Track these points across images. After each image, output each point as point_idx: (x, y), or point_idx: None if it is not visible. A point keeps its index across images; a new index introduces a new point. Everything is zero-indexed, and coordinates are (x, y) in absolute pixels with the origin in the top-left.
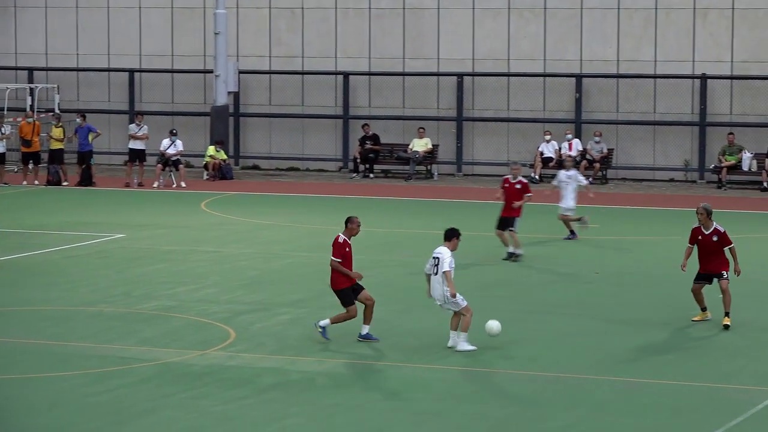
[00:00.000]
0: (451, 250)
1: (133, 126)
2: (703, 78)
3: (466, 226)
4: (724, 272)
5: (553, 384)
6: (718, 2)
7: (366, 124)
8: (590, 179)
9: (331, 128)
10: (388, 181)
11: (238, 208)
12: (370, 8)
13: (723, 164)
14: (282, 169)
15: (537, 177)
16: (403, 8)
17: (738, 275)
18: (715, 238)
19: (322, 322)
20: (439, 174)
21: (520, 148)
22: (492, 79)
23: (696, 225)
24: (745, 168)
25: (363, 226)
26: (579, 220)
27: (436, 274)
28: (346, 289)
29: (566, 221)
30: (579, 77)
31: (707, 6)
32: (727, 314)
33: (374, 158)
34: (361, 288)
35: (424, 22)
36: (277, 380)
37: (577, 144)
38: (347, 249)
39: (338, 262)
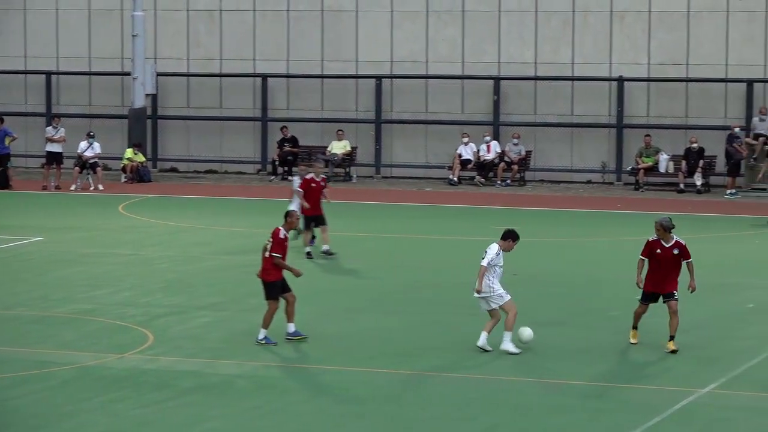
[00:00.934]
0: (504, 250)
1: (50, 129)
2: (620, 80)
3: (384, 228)
4: (675, 292)
5: (475, 385)
6: (634, 5)
7: (284, 127)
8: (508, 181)
9: (250, 131)
10: None
11: (157, 210)
12: (288, 11)
13: (640, 166)
14: (200, 172)
15: (455, 179)
16: (322, 11)
17: (693, 291)
18: (675, 251)
19: (260, 336)
20: (357, 176)
21: (439, 150)
22: (410, 82)
23: (653, 238)
24: (662, 170)
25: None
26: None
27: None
28: (277, 282)
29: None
30: (497, 79)
31: (624, 9)
32: (672, 338)
33: (293, 161)
34: (288, 286)
35: (343, 24)
36: (196, 383)
37: (495, 146)
38: (286, 243)
39: (279, 257)
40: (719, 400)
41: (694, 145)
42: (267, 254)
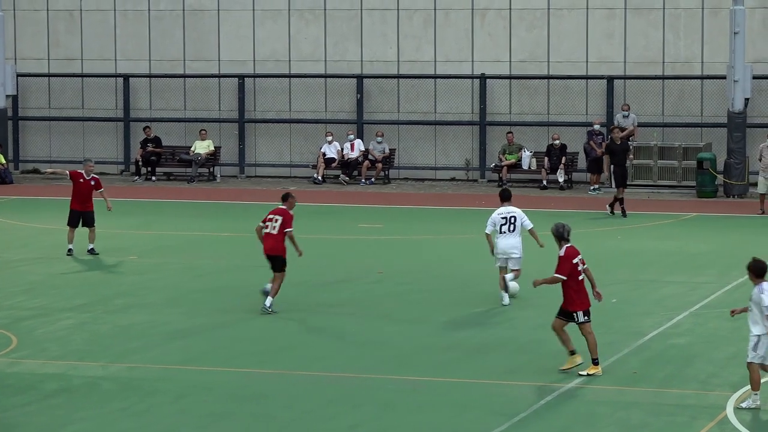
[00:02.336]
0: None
1: None
2: (482, 78)
3: (247, 227)
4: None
5: (338, 384)
6: (495, 3)
7: (147, 127)
8: (373, 179)
9: (113, 131)
10: (170, 184)
11: (18, 212)
12: (149, 10)
13: (503, 163)
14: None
15: (320, 178)
16: (183, 10)
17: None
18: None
19: (267, 302)
20: (221, 176)
21: (303, 149)
22: (273, 81)
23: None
24: (525, 166)
25: (146, 230)
26: None
27: (512, 231)
28: (284, 256)
29: None
30: (360, 78)
31: (485, 7)
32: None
33: (156, 161)
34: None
35: (204, 24)
36: (61, 386)
37: (359, 144)
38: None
39: (291, 231)
40: (584, 394)
41: (557, 141)
42: (275, 231)
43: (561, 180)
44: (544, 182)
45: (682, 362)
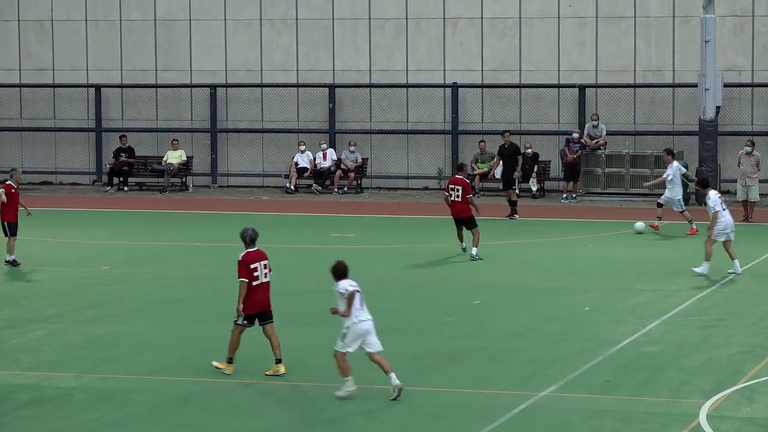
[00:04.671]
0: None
1: None
2: (455, 87)
3: (220, 237)
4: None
5: (311, 394)
6: (467, 12)
7: (123, 136)
8: (345, 188)
9: (84, 141)
10: (143, 194)
11: None
12: (120, 20)
13: (476, 172)
14: (35, 184)
15: (293, 187)
16: (155, 20)
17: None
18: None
19: (474, 251)
20: (194, 186)
21: (275, 158)
22: (245, 90)
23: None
24: (498, 175)
25: (118, 240)
26: None
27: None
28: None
29: None
30: (332, 87)
31: (457, 16)
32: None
33: (128, 171)
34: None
35: (176, 33)
36: (33, 396)
37: (331, 154)
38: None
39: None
40: (557, 402)
41: (529, 150)
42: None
43: (534, 188)
44: (517, 191)
45: (654, 370)
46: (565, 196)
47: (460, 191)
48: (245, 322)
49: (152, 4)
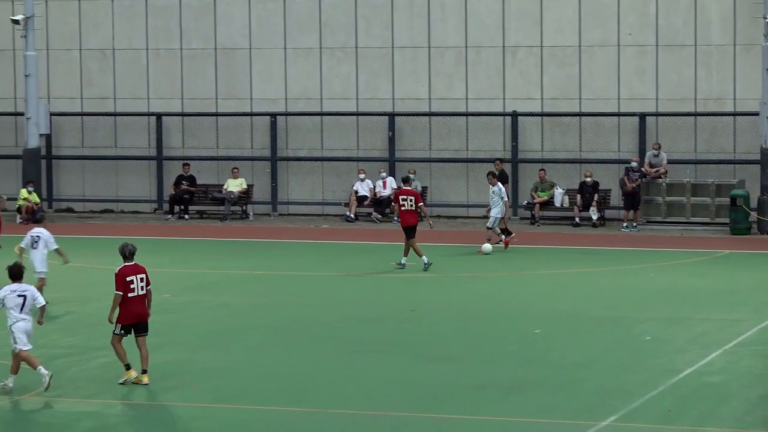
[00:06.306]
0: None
1: None
2: (514, 115)
3: (280, 265)
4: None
5: (373, 422)
6: (526, 40)
7: (186, 164)
8: None
9: (145, 169)
10: (203, 222)
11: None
12: (181, 49)
13: (535, 200)
14: (96, 212)
15: (353, 216)
16: (215, 49)
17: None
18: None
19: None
20: (254, 214)
21: (335, 186)
22: (305, 119)
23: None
24: (558, 204)
25: (179, 269)
26: None
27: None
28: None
29: None
30: (392, 115)
31: (516, 44)
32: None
33: (189, 199)
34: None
35: (236, 62)
36: (95, 424)
37: (391, 182)
38: None
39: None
40: None
41: (589, 179)
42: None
43: (594, 217)
44: (577, 219)
45: (717, 400)
46: (625, 224)
47: (413, 201)
48: (122, 331)
49: (213, 32)
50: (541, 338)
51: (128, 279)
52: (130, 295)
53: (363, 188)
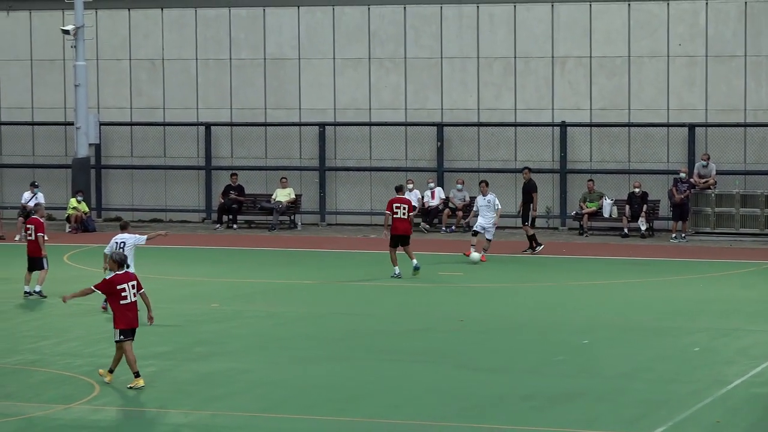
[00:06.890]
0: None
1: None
2: (563, 125)
3: (329, 275)
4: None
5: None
6: (575, 51)
7: (234, 174)
8: (453, 227)
9: (194, 179)
10: (251, 232)
11: (101, 260)
12: (230, 59)
13: (584, 211)
14: (145, 221)
15: None
16: (264, 59)
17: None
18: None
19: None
20: (302, 224)
21: (383, 197)
22: (354, 129)
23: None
24: (606, 214)
25: (227, 278)
26: None
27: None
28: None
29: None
30: (440, 126)
31: (565, 55)
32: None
33: (237, 209)
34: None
35: (285, 72)
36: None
37: (439, 192)
38: None
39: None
40: None
41: (637, 189)
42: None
43: (643, 228)
44: (625, 230)
45: (766, 411)
46: (674, 235)
47: (406, 209)
48: (122, 336)
49: (262, 43)
50: (589, 348)
51: (119, 287)
52: (122, 302)
53: (411, 198)
